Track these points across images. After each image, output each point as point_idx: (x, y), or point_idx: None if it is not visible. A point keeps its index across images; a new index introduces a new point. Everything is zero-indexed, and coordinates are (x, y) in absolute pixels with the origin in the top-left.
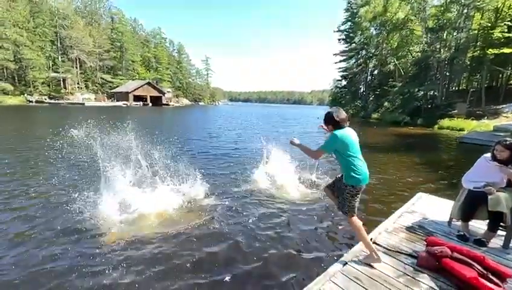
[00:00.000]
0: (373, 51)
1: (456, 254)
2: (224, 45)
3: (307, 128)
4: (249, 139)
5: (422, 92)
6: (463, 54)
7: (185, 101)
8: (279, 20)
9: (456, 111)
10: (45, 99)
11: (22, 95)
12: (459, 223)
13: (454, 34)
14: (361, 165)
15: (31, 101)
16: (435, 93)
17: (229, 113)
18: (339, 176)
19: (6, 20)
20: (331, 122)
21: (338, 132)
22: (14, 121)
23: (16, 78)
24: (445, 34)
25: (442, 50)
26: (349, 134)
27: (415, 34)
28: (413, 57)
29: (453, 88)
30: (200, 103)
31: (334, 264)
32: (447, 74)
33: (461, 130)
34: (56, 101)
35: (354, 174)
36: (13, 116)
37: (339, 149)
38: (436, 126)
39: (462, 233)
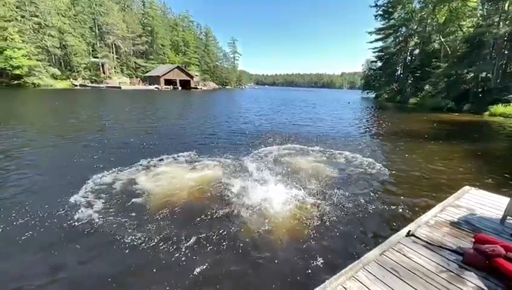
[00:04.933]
0: (415, 27)
1: (511, 254)
2: (250, 26)
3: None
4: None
5: (472, 74)
6: None
7: (212, 85)
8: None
9: None
10: (87, 83)
11: (67, 80)
12: None
13: None
14: None
15: (76, 85)
16: (488, 75)
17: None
18: None
19: (52, 9)
20: None
21: None
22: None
23: (62, 63)
24: (506, 5)
25: (501, 24)
26: None
27: (468, 5)
28: (463, 34)
29: None
30: (226, 87)
31: (369, 253)
32: (505, 52)
33: None
34: (97, 85)
35: None
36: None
37: None
38: (487, 113)
39: None
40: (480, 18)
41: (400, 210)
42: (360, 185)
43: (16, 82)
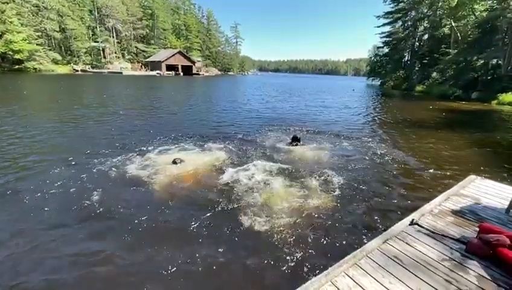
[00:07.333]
0: (425, 10)
1: None
2: (253, 10)
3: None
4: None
5: (482, 61)
6: None
7: (214, 71)
8: None
9: None
10: (88, 68)
11: (68, 65)
12: None
13: None
14: None
15: (77, 70)
16: (499, 62)
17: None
18: None
19: None
20: None
21: None
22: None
23: (63, 48)
24: None
25: None
26: None
27: None
28: (476, 18)
29: None
30: (229, 73)
31: (372, 241)
32: None
33: None
34: (98, 70)
35: None
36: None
37: None
38: (495, 101)
39: None
40: (495, 1)
41: (405, 198)
42: (366, 172)
43: (17, 67)
